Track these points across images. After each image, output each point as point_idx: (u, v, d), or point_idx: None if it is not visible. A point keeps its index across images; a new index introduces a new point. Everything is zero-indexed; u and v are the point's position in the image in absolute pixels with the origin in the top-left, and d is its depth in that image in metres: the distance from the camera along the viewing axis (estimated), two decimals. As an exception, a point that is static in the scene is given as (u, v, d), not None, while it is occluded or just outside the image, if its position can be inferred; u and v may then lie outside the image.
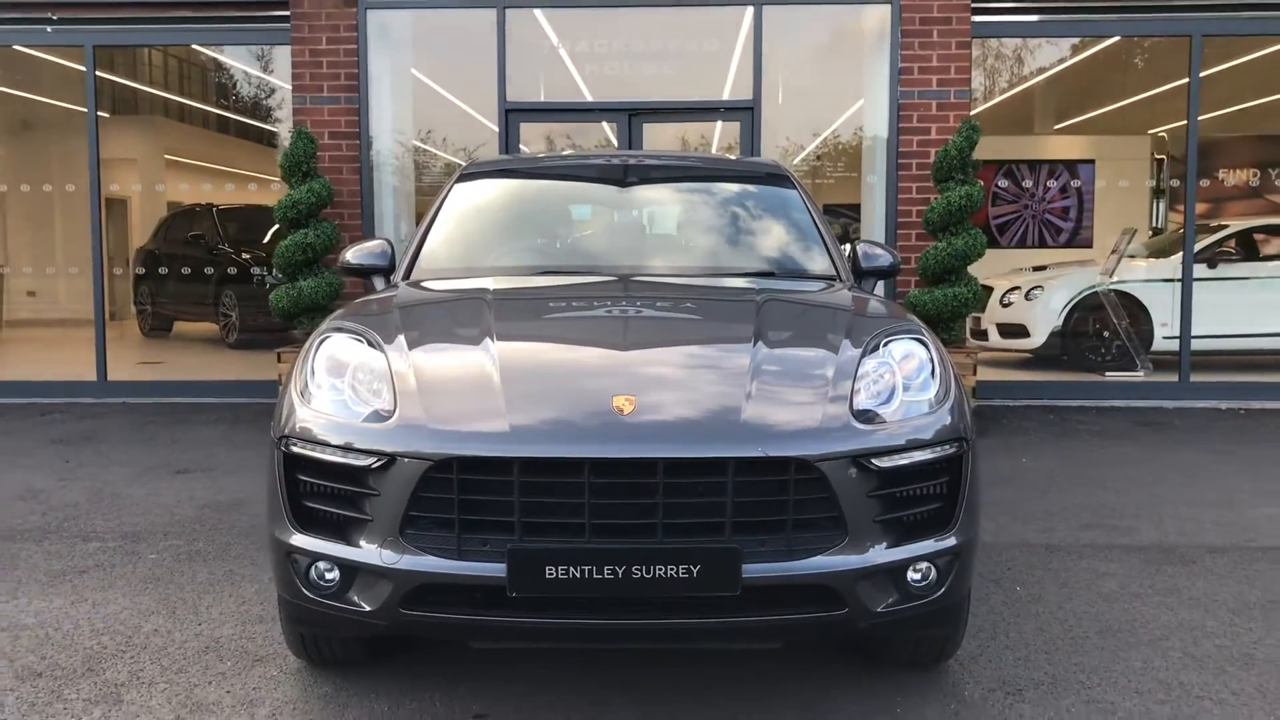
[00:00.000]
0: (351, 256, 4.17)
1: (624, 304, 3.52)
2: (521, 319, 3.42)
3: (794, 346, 3.15)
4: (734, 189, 4.65)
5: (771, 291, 3.66)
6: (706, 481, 2.63)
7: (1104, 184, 12.60)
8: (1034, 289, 10.27)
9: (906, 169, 7.89)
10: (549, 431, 2.72)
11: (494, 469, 2.64)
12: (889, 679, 3.30)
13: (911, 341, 3.11)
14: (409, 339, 3.03)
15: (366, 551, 2.72)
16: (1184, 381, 8.70)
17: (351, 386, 2.93)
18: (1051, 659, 3.48)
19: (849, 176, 9.57)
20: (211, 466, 6.34)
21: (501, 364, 2.89)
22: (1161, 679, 3.33)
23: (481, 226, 4.44)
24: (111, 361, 9.02)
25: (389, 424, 2.76)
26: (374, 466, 2.72)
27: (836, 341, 3.06)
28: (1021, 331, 10.24)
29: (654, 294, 3.73)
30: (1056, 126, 14.12)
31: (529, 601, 2.63)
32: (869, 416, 2.83)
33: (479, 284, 3.70)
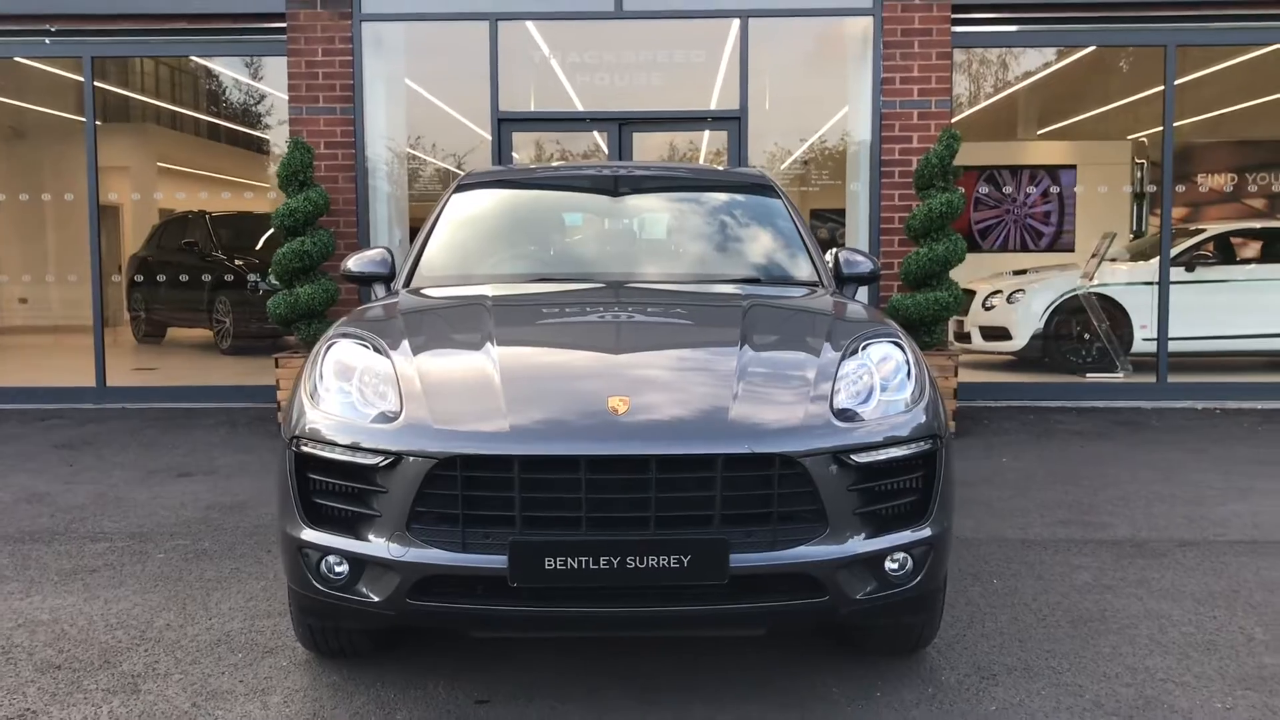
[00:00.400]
0: (353, 265, 4.33)
1: (617, 309, 3.70)
2: (520, 324, 3.59)
3: (778, 349, 3.32)
4: (721, 199, 4.83)
5: (757, 297, 3.83)
6: (696, 477, 2.80)
7: (1085, 189, 12.81)
8: (1016, 292, 10.48)
9: (889, 176, 8.09)
10: (547, 431, 2.89)
11: (495, 466, 2.81)
12: (870, 665, 3.47)
13: (889, 345, 3.29)
14: (413, 344, 3.20)
15: (375, 545, 2.88)
16: (1161, 382, 8.91)
17: (359, 389, 3.09)
18: (1024, 646, 3.66)
19: (834, 184, 9.76)
20: (213, 469, 6.49)
21: (501, 367, 3.06)
22: (1128, 664, 3.51)
23: (479, 235, 4.61)
24: (108, 368, 9.15)
25: (395, 425, 2.93)
26: (381, 465, 2.88)
27: (818, 345, 3.23)
28: (1004, 334, 10.45)
29: (645, 300, 3.90)
30: (1039, 132, 14.35)
31: (529, 591, 2.80)
32: (848, 415, 3.01)
33: (478, 291, 3.86)
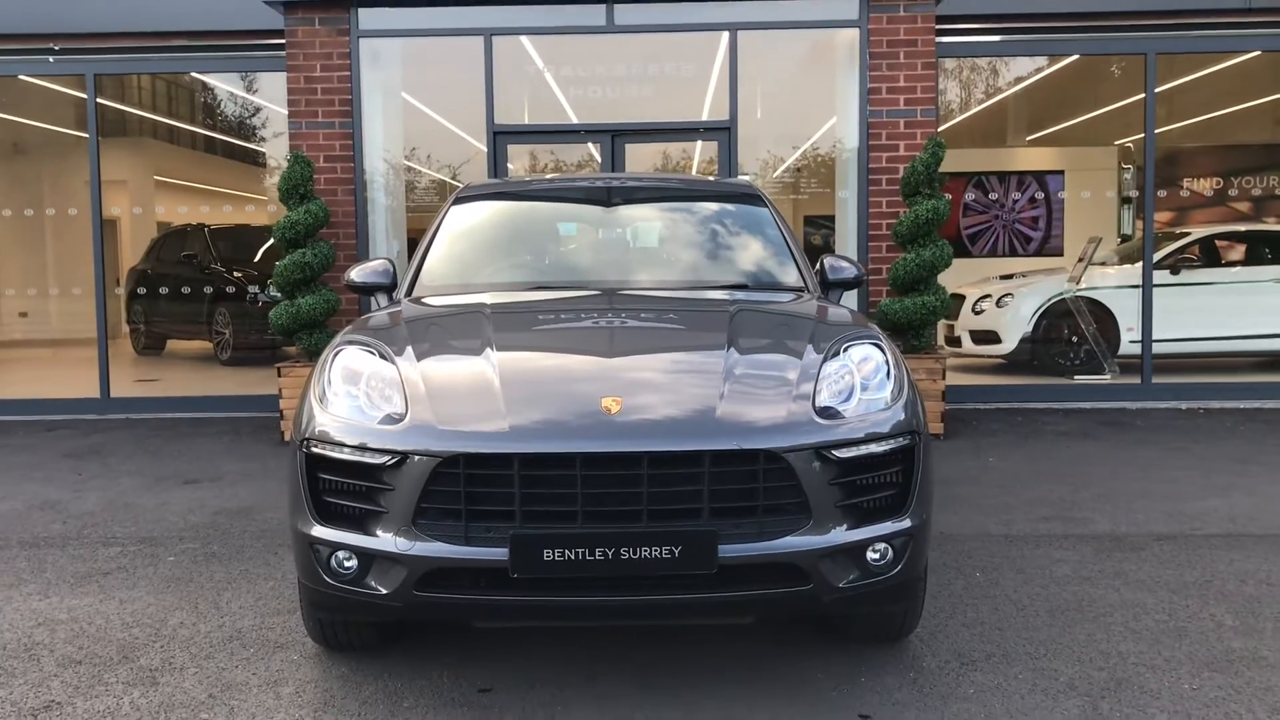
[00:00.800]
0: (356, 275, 4.50)
1: (610, 315, 3.87)
2: (518, 330, 3.76)
3: (763, 352, 3.49)
4: (710, 208, 5.01)
5: (743, 302, 4.01)
6: (686, 472, 2.96)
7: (1073, 194, 13.02)
8: (1005, 296, 10.65)
9: (876, 184, 8.27)
10: (545, 430, 3.06)
11: (496, 464, 2.97)
12: (855, 653, 3.64)
13: (869, 346, 3.46)
14: (417, 350, 3.37)
15: (382, 540, 3.04)
16: (1146, 383, 9.09)
17: (365, 393, 3.26)
18: (1004, 635, 3.82)
19: (824, 191, 9.95)
20: (218, 476, 6.64)
21: (501, 371, 3.23)
22: (1102, 649, 3.67)
23: (477, 246, 4.78)
24: (110, 379, 9.29)
25: (401, 426, 3.09)
26: (388, 464, 3.04)
27: (801, 347, 3.40)
28: (993, 338, 10.63)
29: (637, 306, 4.08)
30: (1028, 138, 14.56)
31: (529, 582, 2.96)
32: (830, 413, 3.17)
33: (477, 299, 4.03)
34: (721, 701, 3.28)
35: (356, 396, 3.26)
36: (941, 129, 8.74)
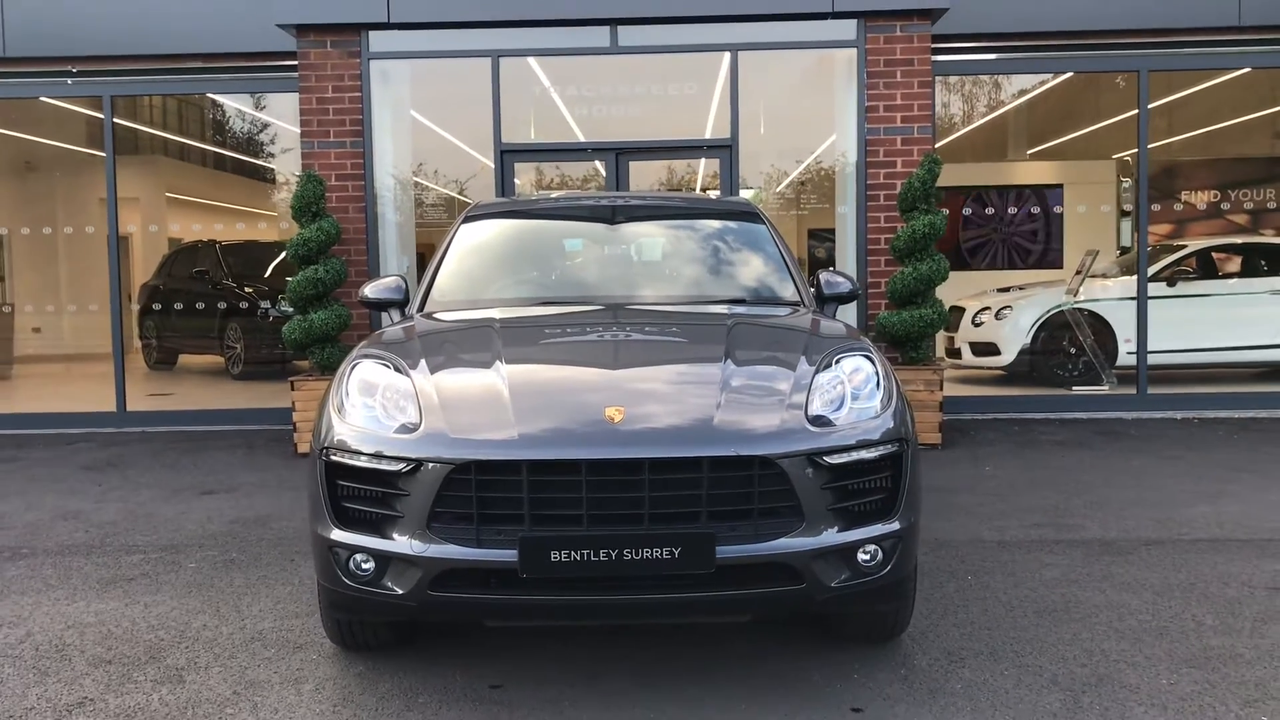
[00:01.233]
0: (370, 292, 4.69)
1: (613, 329, 4.06)
2: (526, 344, 3.95)
3: (759, 363, 3.66)
4: (710, 226, 5.20)
5: (741, 316, 4.19)
6: (685, 477, 3.14)
7: (1071, 207, 13.19)
8: (1004, 309, 10.82)
9: (874, 200, 8.46)
10: (552, 438, 3.24)
11: (506, 470, 3.15)
12: (849, 652, 3.80)
13: (860, 358, 3.63)
14: (430, 363, 3.55)
15: (398, 543, 3.21)
16: (1141, 394, 9.25)
17: (381, 404, 3.44)
18: (992, 634, 3.98)
19: (823, 207, 10.15)
20: (234, 487, 6.83)
21: (510, 382, 3.41)
22: (1086, 647, 3.84)
23: (486, 263, 4.97)
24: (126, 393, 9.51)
25: (416, 435, 3.27)
26: (404, 471, 3.22)
27: (795, 358, 3.58)
28: (992, 350, 10.78)
29: (639, 320, 4.26)
30: (1029, 152, 14.75)
31: (537, 582, 3.13)
32: (822, 421, 3.35)
33: (487, 314, 4.22)
34: (721, 696, 3.45)
35: (373, 407, 3.44)
36: (940, 144, 8.92)
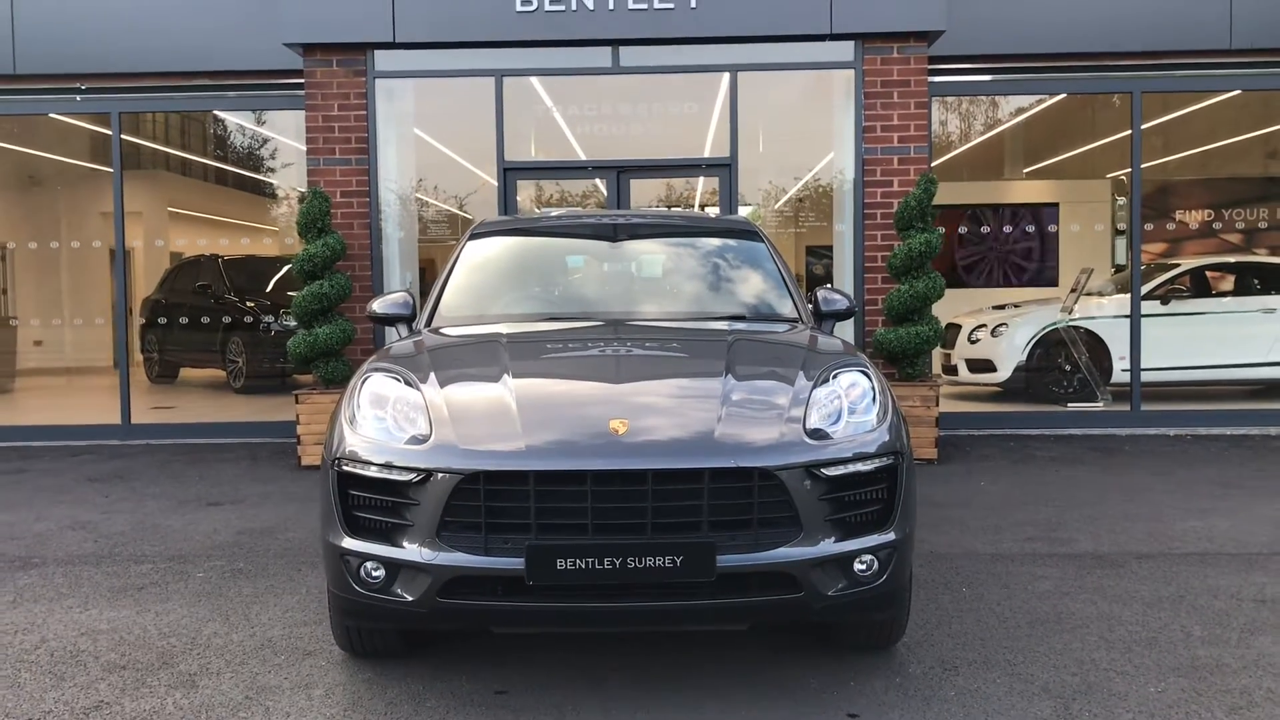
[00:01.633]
0: (378, 307, 4.80)
1: (616, 344, 4.16)
2: (532, 358, 4.05)
3: (758, 378, 3.77)
4: (710, 244, 5.32)
5: (740, 332, 4.30)
6: (687, 488, 3.24)
7: (1067, 225, 13.33)
8: (999, 326, 10.94)
9: (871, 218, 8.58)
10: (558, 450, 3.34)
11: (514, 480, 3.25)
12: (846, 660, 3.90)
13: (856, 373, 3.74)
14: (440, 377, 3.65)
15: (408, 551, 3.31)
16: (1135, 411, 9.36)
17: (392, 416, 3.54)
18: (985, 644, 4.08)
19: (821, 225, 10.28)
20: (239, 499, 6.92)
21: (517, 395, 3.52)
22: (1077, 657, 3.93)
23: (492, 280, 5.08)
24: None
25: (426, 446, 3.37)
26: (414, 480, 3.32)
27: (793, 374, 3.69)
28: (989, 367, 10.90)
29: (641, 335, 4.37)
30: (1025, 171, 14.90)
31: (543, 589, 3.22)
32: (820, 434, 3.45)
33: (494, 330, 4.33)
34: (721, 701, 3.54)
35: (384, 419, 3.54)
36: (937, 162, 9.05)
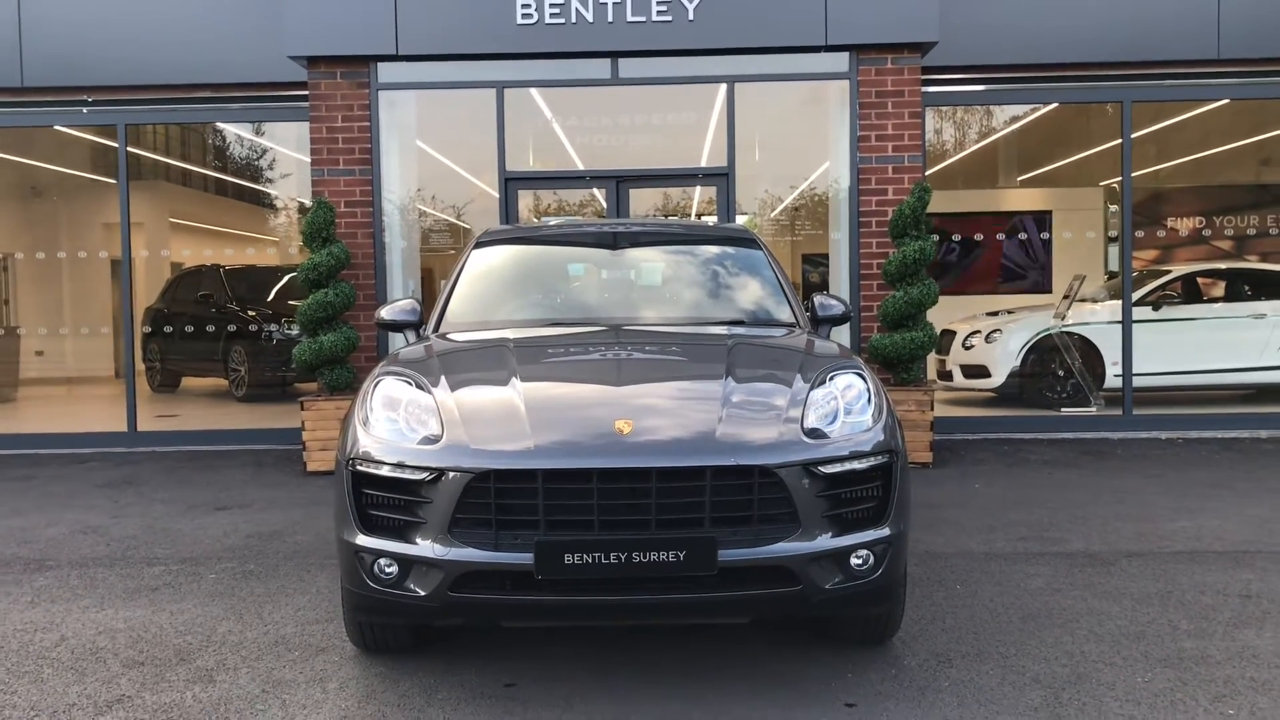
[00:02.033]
0: (386, 314, 4.93)
1: (619, 348, 4.30)
2: (539, 362, 4.18)
3: (757, 380, 3.90)
4: (709, 251, 5.46)
5: (739, 337, 4.44)
6: (689, 485, 3.37)
7: (1060, 233, 13.49)
8: (993, 332, 11.08)
9: (867, 226, 8.73)
10: (565, 449, 3.47)
11: (522, 479, 3.38)
12: (843, 654, 4.02)
13: (852, 375, 3.88)
14: (450, 380, 3.78)
15: (421, 547, 3.43)
16: (1128, 415, 9.50)
17: (405, 418, 3.67)
18: (978, 637, 4.21)
19: (818, 233, 10.43)
20: (247, 503, 7.03)
21: (525, 398, 3.65)
22: (1067, 650, 4.06)
23: (497, 287, 5.21)
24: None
25: (438, 446, 3.50)
26: (427, 479, 3.45)
27: (791, 376, 3.82)
28: (983, 372, 11.04)
29: (643, 339, 4.51)
30: (1018, 179, 15.07)
31: (551, 583, 3.35)
32: (817, 434, 3.59)
33: (500, 335, 4.46)
34: (722, 693, 3.66)
35: (396, 421, 3.67)
36: (931, 171, 9.20)
